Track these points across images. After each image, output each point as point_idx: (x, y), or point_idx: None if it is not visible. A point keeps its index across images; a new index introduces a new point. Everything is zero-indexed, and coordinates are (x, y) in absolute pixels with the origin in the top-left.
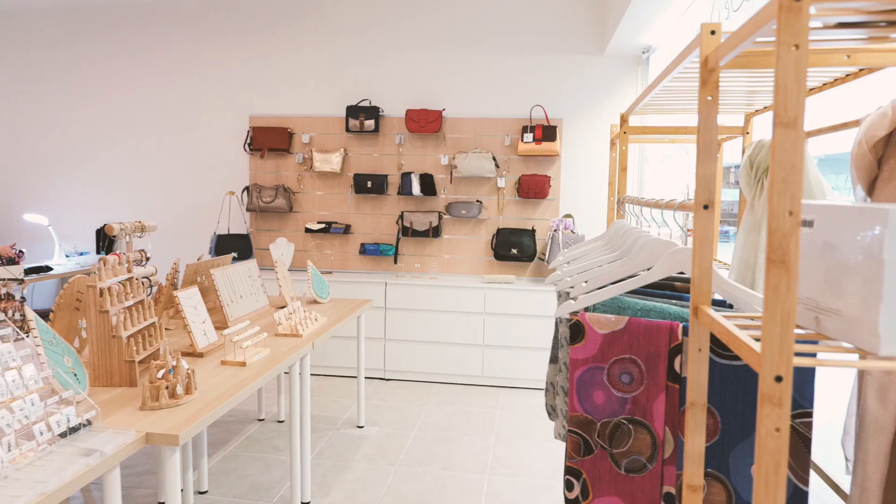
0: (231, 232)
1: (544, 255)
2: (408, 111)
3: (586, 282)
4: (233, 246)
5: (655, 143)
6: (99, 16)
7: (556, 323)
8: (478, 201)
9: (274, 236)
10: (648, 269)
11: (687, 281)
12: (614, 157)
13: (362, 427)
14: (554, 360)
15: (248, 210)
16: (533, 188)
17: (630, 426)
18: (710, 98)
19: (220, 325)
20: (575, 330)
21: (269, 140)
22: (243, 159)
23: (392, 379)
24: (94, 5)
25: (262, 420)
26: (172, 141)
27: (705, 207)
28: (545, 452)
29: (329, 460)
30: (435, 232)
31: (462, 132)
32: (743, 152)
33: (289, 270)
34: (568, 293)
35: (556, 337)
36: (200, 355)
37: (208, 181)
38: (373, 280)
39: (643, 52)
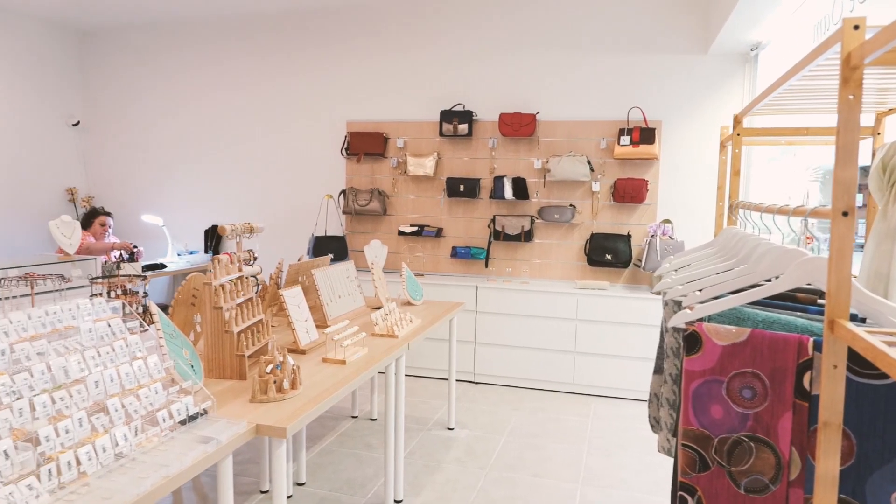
0: (328, 234)
1: (640, 261)
2: (501, 115)
3: (700, 290)
4: (329, 247)
5: (768, 145)
6: (203, 26)
7: (662, 332)
8: (571, 205)
9: (368, 238)
10: (771, 280)
11: (812, 292)
12: (724, 159)
13: (452, 429)
14: (658, 370)
15: (343, 213)
16: (629, 192)
17: (751, 444)
18: (851, 97)
19: (319, 323)
20: (691, 340)
21: (365, 145)
22: (340, 163)
23: (481, 382)
24: (197, 17)
25: (356, 417)
26: (274, 146)
27: (844, 214)
28: (642, 466)
29: (420, 460)
30: (527, 236)
31: (556, 135)
32: (874, 155)
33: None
34: (678, 302)
35: (661, 346)
36: (303, 352)
37: (307, 184)
38: (464, 283)
39: (752, 50)
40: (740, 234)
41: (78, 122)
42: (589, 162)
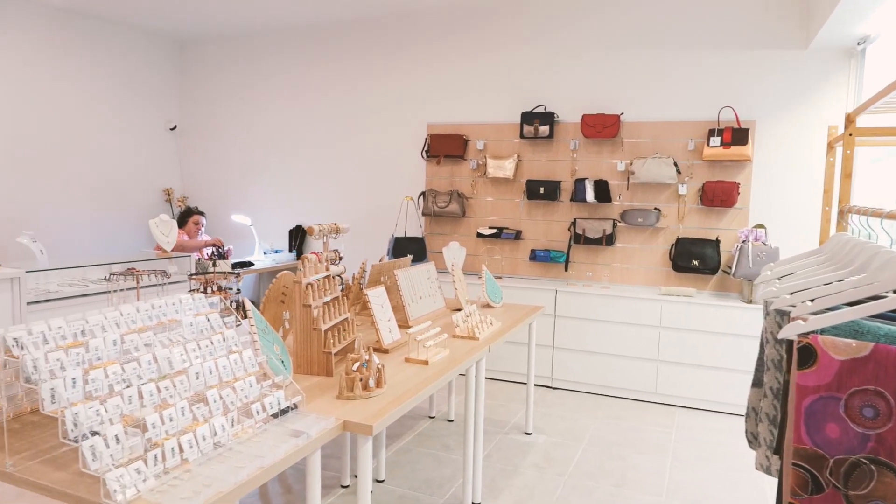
0: (407, 235)
1: (730, 267)
2: (583, 116)
3: (811, 301)
4: (408, 248)
5: (880, 145)
6: (290, 34)
7: (762, 343)
8: (656, 209)
9: (446, 240)
10: None
11: None
12: (832, 161)
13: (530, 434)
14: (757, 383)
15: (423, 214)
16: (718, 195)
17: (872, 467)
18: None
19: (401, 323)
20: (805, 354)
21: (445, 147)
22: (421, 165)
23: (559, 388)
24: (285, 26)
25: (433, 418)
26: (356, 148)
27: None
28: (730, 482)
29: (498, 464)
30: (608, 240)
31: (640, 136)
32: None
33: None
34: (784, 312)
35: (760, 358)
36: (385, 351)
37: (388, 186)
38: (543, 287)
39: (858, 44)
40: (854, 242)
41: (175, 127)
42: (675, 164)
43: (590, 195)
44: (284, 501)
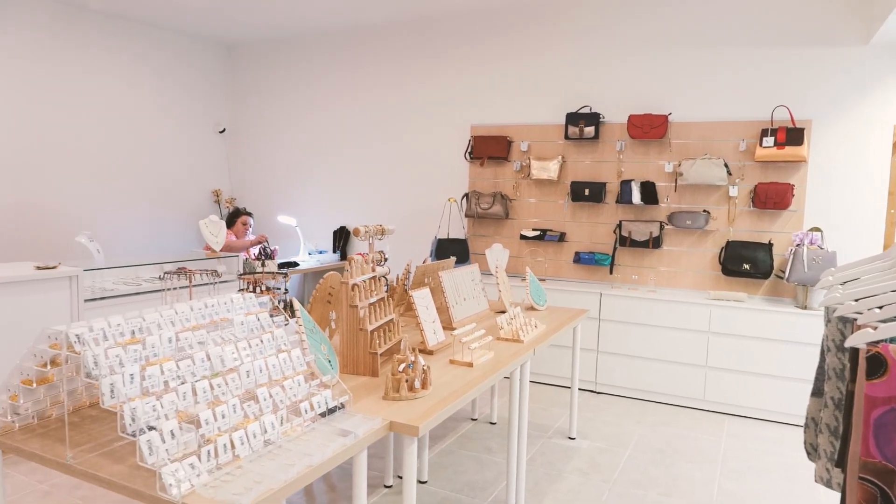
0: (450, 237)
1: (783, 272)
2: (630, 117)
3: (880, 308)
4: (451, 250)
5: None
6: (335, 37)
7: (822, 351)
8: (705, 211)
9: (489, 242)
10: None
11: None
12: None
13: (574, 438)
14: (817, 393)
15: (466, 216)
16: (771, 197)
17: None
18: None
19: (445, 325)
20: (874, 363)
21: (488, 148)
22: (464, 167)
23: (603, 392)
24: (329, 29)
25: (475, 420)
26: (400, 150)
27: None
28: (786, 494)
29: (541, 468)
30: (655, 242)
31: (689, 137)
32: None
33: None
34: (849, 320)
35: (820, 367)
36: (430, 353)
37: (431, 188)
38: (587, 290)
39: None
40: None
41: (224, 130)
42: (726, 165)
43: (636, 197)
44: (328, 500)
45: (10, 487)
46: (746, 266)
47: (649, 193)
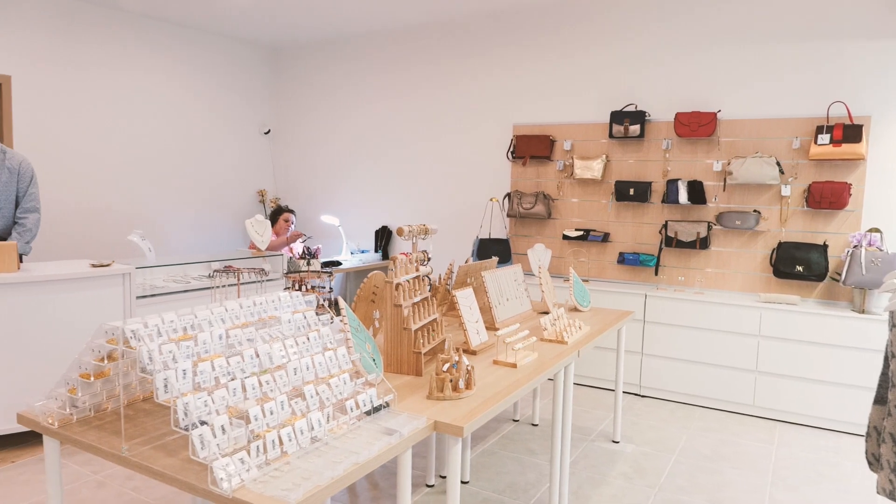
0: (492, 236)
1: (839, 274)
2: (677, 114)
3: None
4: (493, 250)
5: None
6: (375, 38)
7: (886, 357)
8: (755, 211)
9: (531, 242)
10: None
11: None
12: None
13: (618, 442)
14: (880, 400)
15: (508, 216)
16: (826, 197)
17: None
18: None
19: (488, 325)
20: None
21: (531, 148)
22: (505, 167)
23: (648, 396)
24: (370, 31)
25: (517, 421)
26: (441, 149)
27: None
28: None
29: (584, 472)
30: (702, 243)
31: (739, 135)
32: None
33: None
34: None
35: (884, 374)
36: (473, 353)
37: (473, 187)
38: (631, 291)
39: None
40: None
41: (269, 131)
42: (778, 163)
43: (683, 196)
44: (371, 497)
45: (66, 477)
46: (799, 268)
47: (697, 193)
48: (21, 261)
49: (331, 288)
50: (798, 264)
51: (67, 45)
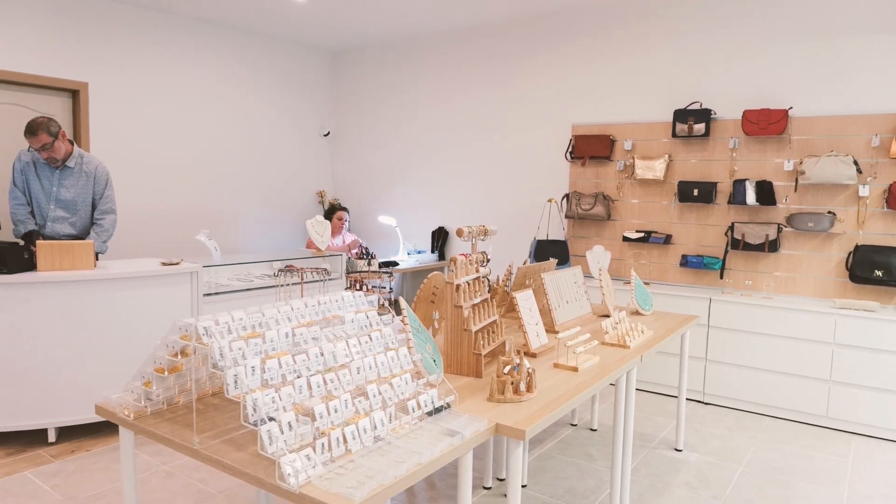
0: (549, 238)
1: None
2: (745, 112)
3: None
4: (550, 251)
5: None
6: (432, 39)
7: None
8: (829, 212)
9: (589, 243)
10: None
11: None
12: None
13: (680, 450)
14: None
15: (566, 217)
16: None
17: None
18: None
19: (547, 328)
20: None
21: (590, 148)
22: (563, 167)
23: (712, 403)
24: (427, 32)
25: (575, 425)
26: (498, 150)
27: None
28: None
29: (646, 479)
30: (772, 246)
31: (812, 133)
32: None
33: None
34: None
35: None
36: (533, 355)
37: (530, 188)
38: (695, 294)
39: None
40: None
41: (328, 133)
42: (855, 162)
43: (751, 197)
44: (428, 497)
45: (137, 467)
46: (878, 273)
47: (765, 193)
48: (97, 259)
49: (391, 288)
50: (877, 269)
51: (138, 53)
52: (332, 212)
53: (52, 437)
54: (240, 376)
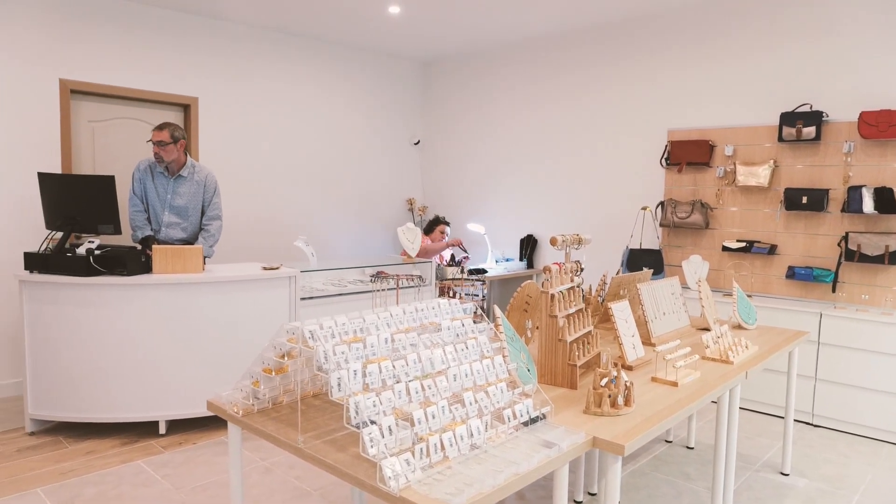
0: (643, 247)
1: None
2: (862, 114)
3: None
4: (644, 261)
5: None
6: (519, 48)
7: None
8: None
9: (685, 253)
10: None
11: None
12: None
13: (787, 475)
14: None
15: (661, 225)
16: None
17: None
18: None
19: (643, 340)
20: None
21: (687, 154)
22: (658, 174)
23: (822, 426)
24: (515, 41)
25: (670, 442)
26: (589, 157)
27: None
28: None
29: (748, 503)
30: (892, 258)
31: None
32: None
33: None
34: None
35: None
36: (629, 368)
37: (622, 196)
38: (803, 309)
39: None
40: None
41: (419, 142)
42: None
43: (868, 205)
44: None
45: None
46: None
47: (885, 201)
48: (204, 263)
49: (484, 296)
50: None
51: (243, 69)
52: (435, 223)
53: (162, 429)
54: (343, 379)
